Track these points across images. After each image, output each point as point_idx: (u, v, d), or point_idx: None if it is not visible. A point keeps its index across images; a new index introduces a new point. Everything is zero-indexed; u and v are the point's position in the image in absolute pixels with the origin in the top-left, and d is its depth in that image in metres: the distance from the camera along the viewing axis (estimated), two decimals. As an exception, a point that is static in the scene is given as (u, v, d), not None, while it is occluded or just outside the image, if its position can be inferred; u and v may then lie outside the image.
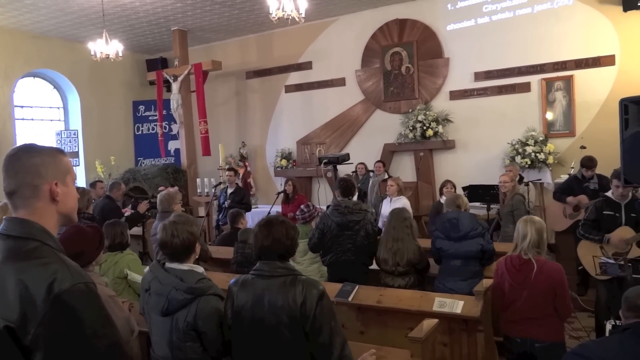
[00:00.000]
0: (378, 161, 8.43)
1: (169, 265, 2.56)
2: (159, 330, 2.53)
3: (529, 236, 3.36)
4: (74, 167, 9.85)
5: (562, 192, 6.26)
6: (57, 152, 1.57)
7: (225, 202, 7.75)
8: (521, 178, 7.06)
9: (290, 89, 10.82)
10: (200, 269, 2.61)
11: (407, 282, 4.40)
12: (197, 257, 2.64)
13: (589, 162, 5.98)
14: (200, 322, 2.42)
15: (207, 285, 2.50)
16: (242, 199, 7.78)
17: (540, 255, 3.38)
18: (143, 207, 6.25)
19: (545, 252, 3.47)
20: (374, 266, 4.69)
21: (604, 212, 4.62)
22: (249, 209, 7.83)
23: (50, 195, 1.49)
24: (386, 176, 7.95)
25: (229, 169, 8.49)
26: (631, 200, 4.58)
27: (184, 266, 2.54)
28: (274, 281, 2.34)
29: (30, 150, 1.51)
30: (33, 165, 1.48)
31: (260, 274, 2.39)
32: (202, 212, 9.43)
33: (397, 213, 4.66)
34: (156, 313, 2.51)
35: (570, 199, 6.12)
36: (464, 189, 6.82)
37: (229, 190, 7.92)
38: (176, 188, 5.44)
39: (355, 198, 6.40)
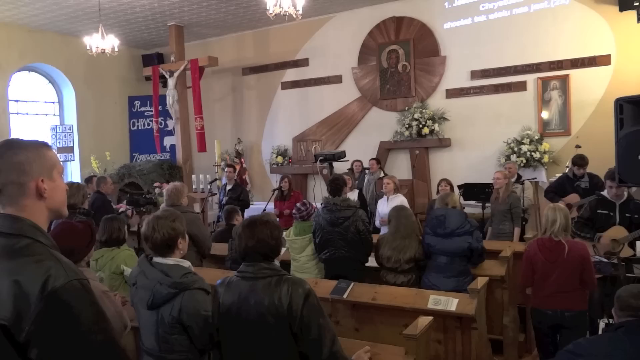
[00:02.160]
0: (372, 159, 8.44)
1: (155, 259, 2.57)
2: (146, 323, 2.55)
3: (559, 221, 3.73)
4: (70, 162, 9.68)
5: (554, 190, 6.27)
6: (41, 146, 1.52)
7: (223, 199, 7.73)
8: (519, 177, 7.08)
9: (287, 85, 10.81)
10: (186, 263, 2.61)
11: (409, 280, 4.41)
12: (183, 253, 2.63)
13: (580, 161, 5.99)
14: (185, 316, 2.43)
15: (192, 280, 2.50)
16: (239, 196, 7.75)
17: (567, 237, 3.77)
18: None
19: (570, 234, 3.88)
20: (373, 264, 4.69)
21: (598, 211, 4.64)
22: (246, 205, 7.79)
23: (37, 191, 1.47)
24: (382, 174, 7.96)
25: (228, 166, 8.48)
26: (626, 200, 4.60)
27: (170, 260, 2.55)
28: (259, 282, 2.32)
29: (13, 146, 1.47)
30: (17, 162, 1.44)
31: (244, 276, 2.38)
32: (197, 208, 9.41)
33: (402, 210, 4.66)
34: (142, 306, 2.53)
35: (560, 200, 6.09)
36: (460, 187, 6.83)
37: (228, 187, 7.91)
38: (182, 183, 5.43)
39: (355, 196, 6.43)
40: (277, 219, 3.98)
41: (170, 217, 2.60)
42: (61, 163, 1.63)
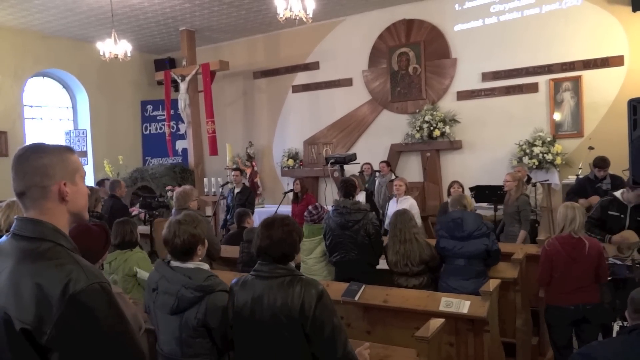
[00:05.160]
0: (382, 161, 8.42)
1: (174, 263, 2.57)
2: (167, 328, 2.54)
3: (578, 219, 3.86)
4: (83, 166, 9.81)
5: (574, 193, 6.14)
6: (65, 150, 1.55)
7: (231, 202, 7.76)
8: (529, 179, 7.03)
9: (298, 89, 10.83)
10: (206, 266, 2.62)
11: (421, 282, 4.40)
12: (201, 258, 2.64)
13: (601, 163, 5.81)
14: (210, 318, 2.44)
15: (216, 282, 2.52)
16: (246, 199, 7.71)
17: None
18: None
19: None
20: (384, 266, 4.68)
21: (609, 212, 4.60)
22: (251, 209, 7.79)
23: (59, 195, 1.49)
24: (393, 176, 7.96)
25: (234, 169, 8.52)
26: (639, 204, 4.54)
27: (190, 264, 2.56)
28: (273, 282, 2.32)
29: (37, 150, 1.50)
30: (41, 166, 1.47)
31: (259, 275, 2.38)
32: (209, 211, 9.47)
33: (401, 214, 4.65)
34: (164, 311, 2.51)
35: (581, 201, 5.99)
36: (471, 189, 6.80)
37: (236, 190, 7.94)
38: (192, 187, 5.47)
39: (363, 199, 6.43)
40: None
41: (192, 223, 2.60)
42: (84, 167, 1.65)
